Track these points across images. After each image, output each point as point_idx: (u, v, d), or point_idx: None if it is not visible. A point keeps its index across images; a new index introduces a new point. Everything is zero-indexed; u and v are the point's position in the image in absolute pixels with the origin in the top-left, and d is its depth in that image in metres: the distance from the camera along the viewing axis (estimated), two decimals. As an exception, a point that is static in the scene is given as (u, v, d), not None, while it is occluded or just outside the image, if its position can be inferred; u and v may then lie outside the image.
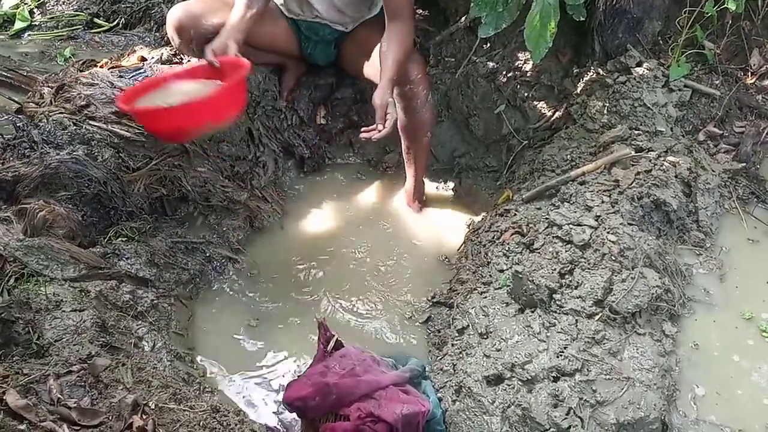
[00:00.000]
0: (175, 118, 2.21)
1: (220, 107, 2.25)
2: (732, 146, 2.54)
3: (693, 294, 2.12)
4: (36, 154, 2.26)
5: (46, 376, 1.70)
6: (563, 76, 2.82)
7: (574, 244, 2.05)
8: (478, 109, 2.93)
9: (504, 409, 1.80)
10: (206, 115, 2.22)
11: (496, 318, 2.01)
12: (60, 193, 2.27)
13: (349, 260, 2.69)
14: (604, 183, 2.25)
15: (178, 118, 2.21)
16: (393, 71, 2.32)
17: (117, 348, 1.93)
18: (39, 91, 2.50)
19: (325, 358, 1.98)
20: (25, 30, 3.59)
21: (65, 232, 2.20)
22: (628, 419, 1.69)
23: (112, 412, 1.67)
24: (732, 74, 2.64)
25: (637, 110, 2.49)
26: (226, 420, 1.85)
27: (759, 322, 2.05)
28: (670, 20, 2.65)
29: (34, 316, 1.88)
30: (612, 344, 1.82)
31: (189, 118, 2.21)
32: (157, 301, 2.26)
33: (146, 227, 2.45)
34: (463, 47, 2.92)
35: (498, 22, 2.30)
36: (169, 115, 2.19)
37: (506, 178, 2.86)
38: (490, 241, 2.41)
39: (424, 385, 2.02)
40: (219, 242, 2.61)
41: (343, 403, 1.82)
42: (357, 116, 3.07)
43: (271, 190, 2.85)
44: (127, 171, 2.41)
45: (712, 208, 2.32)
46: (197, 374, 2.13)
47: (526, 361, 1.83)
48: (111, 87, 2.47)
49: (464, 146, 3.03)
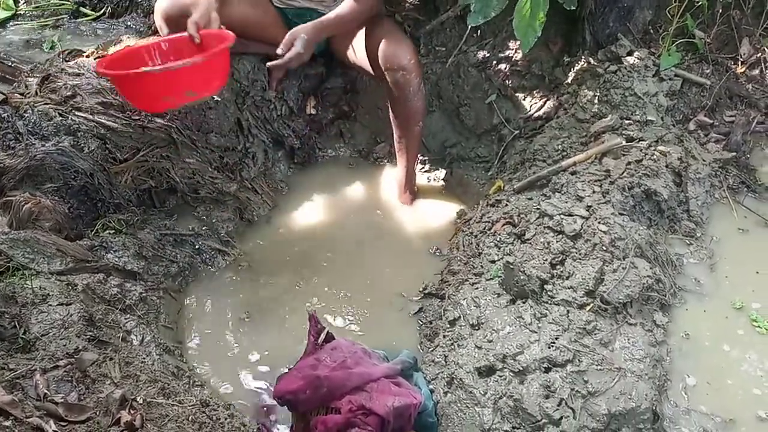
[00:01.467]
0: (155, 83, 2.09)
1: (203, 76, 2.16)
2: (722, 136, 2.54)
3: (684, 284, 2.12)
4: (21, 145, 2.24)
5: (33, 371, 1.68)
6: (554, 65, 2.81)
7: (566, 234, 2.05)
8: (469, 99, 2.91)
9: (496, 401, 1.80)
10: (187, 83, 2.13)
11: (487, 309, 2.00)
12: (46, 185, 2.24)
13: (339, 251, 2.68)
14: (595, 173, 2.24)
15: (157, 84, 2.10)
16: (330, 21, 2.40)
17: (105, 342, 1.91)
18: (24, 82, 2.47)
19: (315, 350, 1.97)
20: (9, 19, 3.53)
21: (51, 224, 2.17)
22: (620, 409, 1.69)
23: (100, 407, 1.65)
24: (722, 63, 2.63)
25: (628, 100, 2.48)
26: (216, 414, 1.84)
27: (749, 311, 2.05)
28: (661, 9, 2.64)
29: (20, 310, 1.85)
30: (603, 335, 1.82)
31: (169, 84, 2.11)
32: (145, 294, 2.24)
33: (134, 219, 2.43)
34: (453, 36, 2.90)
35: (487, 11, 2.28)
36: (148, 80, 2.08)
37: (497, 169, 2.85)
38: (481, 231, 2.40)
39: (415, 377, 2.02)
40: (208, 234, 2.59)
41: (334, 395, 1.81)
42: (347, 106, 3.05)
43: (261, 181, 2.83)
44: (114, 162, 2.38)
45: (702, 198, 2.32)
46: (186, 368, 2.12)
47: (518, 352, 1.82)
48: (97, 77, 2.44)
49: (455, 136, 3.01)
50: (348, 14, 2.44)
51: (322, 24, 2.39)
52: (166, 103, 2.23)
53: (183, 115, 2.53)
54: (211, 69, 2.19)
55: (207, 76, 2.19)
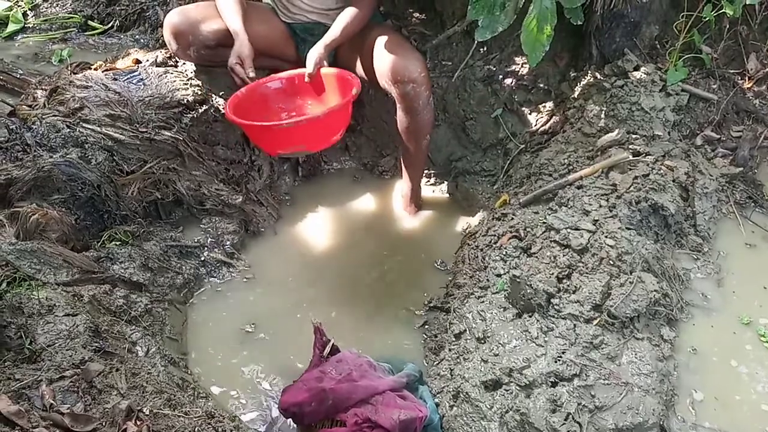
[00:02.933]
0: (279, 134, 2.26)
1: (320, 132, 2.32)
2: (729, 151, 2.53)
3: (691, 299, 2.11)
4: (29, 157, 2.25)
5: (39, 381, 1.67)
6: (560, 80, 2.82)
7: (572, 248, 2.04)
8: (475, 113, 2.92)
9: (502, 415, 1.79)
10: (301, 138, 2.27)
11: (493, 322, 2.00)
12: (53, 196, 2.25)
13: (344, 265, 2.67)
14: (602, 187, 2.24)
15: (281, 135, 2.26)
16: (337, 37, 2.48)
17: (110, 353, 1.91)
18: (32, 94, 2.49)
19: (321, 363, 1.97)
20: (18, 32, 3.57)
21: (58, 235, 2.18)
22: (627, 424, 1.68)
23: (106, 418, 1.64)
24: (729, 79, 2.63)
25: (635, 114, 2.48)
26: (221, 426, 1.83)
27: (757, 326, 2.04)
28: (668, 24, 2.64)
29: (26, 320, 1.85)
30: (610, 349, 1.81)
31: (289, 136, 2.25)
32: (150, 305, 2.24)
33: (140, 231, 2.44)
34: (460, 51, 2.91)
35: (495, 26, 2.28)
36: (274, 132, 2.27)
37: (503, 182, 2.85)
38: (487, 245, 2.40)
39: (421, 391, 2.01)
40: (214, 246, 2.59)
41: (339, 408, 1.80)
42: (353, 120, 3.05)
43: (267, 194, 2.84)
44: (121, 174, 2.39)
45: (709, 213, 2.32)
46: (192, 379, 2.11)
47: (524, 366, 1.81)
48: (105, 89, 2.46)
49: (461, 150, 3.02)
50: (352, 24, 2.51)
51: (333, 42, 2.49)
52: (286, 149, 2.35)
53: (189, 127, 2.54)
54: (329, 125, 2.33)
55: (324, 132, 2.34)
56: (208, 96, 2.64)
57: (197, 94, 2.59)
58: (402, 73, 2.43)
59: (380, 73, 2.47)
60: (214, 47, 2.53)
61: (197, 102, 2.58)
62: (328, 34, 2.49)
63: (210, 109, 2.61)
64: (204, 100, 2.61)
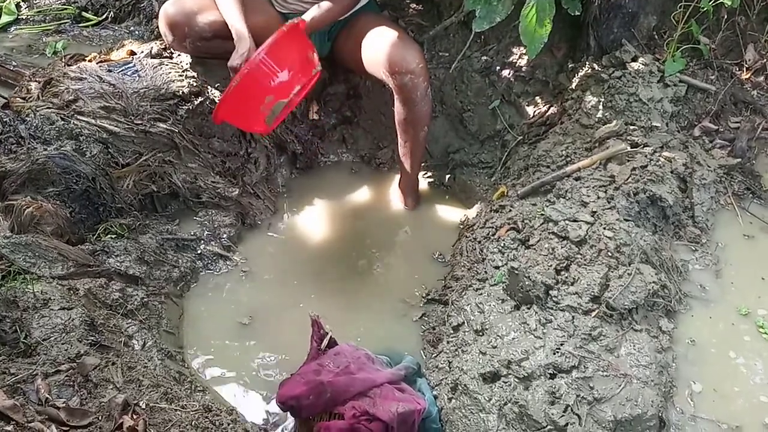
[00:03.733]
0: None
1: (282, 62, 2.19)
2: (727, 142, 2.53)
3: (689, 290, 2.11)
4: (23, 149, 2.23)
5: (34, 375, 1.67)
6: (558, 71, 2.81)
7: (570, 239, 2.04)
8: (473, 104, 2.90)
9: (500, 407, 1.79)
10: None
11: (491, 315, 1.99)
12: (48, 189, 2.24)
13: (342, 257, 2.66)
14: (600, 178, 2.23)
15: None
16: (321, 18, 2.44)
17: (106, 347, 1.90)
18: (26, 86, 2.47)
19: (318, 356, 1.96)
20: (11, 24, 3.53)
21: (53, 228, 2.16)
22: (626, 416, 1.68)
23: (102, 412, 1.64)
24: (727, 69, 2.63)
25: (633, 105, 2.47)
26: (219, 419, 1.82)
27: (755, 317, 2.04)
28: (666, 15, 2.63)
29: (21, 314, 1.84)
30: (609, 341, 1.81)
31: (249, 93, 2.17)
32: (147, 299, 2.23)
33: (136, 224, 2.42)
34: (457, 42, 2.90)
35: (492, 17, 2.28)
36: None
37: (501, 174, 2.84)
38: (485, 237, 2.39)
39: (419, 383, 2.00)
40: (210, 239, 2.58)
41: (337, 401, 1.80)
42: (350, 112, 3.04)
43: (263, 186, 2.82)
44: (116, 167, 2.38)
45: (707, 204, 2.31)
46: (188, 373, 2.11)
47: (523, 358, 1.81)
48: (99, 81, 2.43)
49: (458, 142, 3.00)
50: (336, 15, 2.51)
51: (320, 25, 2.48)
52: (267, 114, 2.24)
53: (185, 119, 2.52)
54: (280, 61, 2.18)
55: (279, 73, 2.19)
56: (203, 88, 2.61)
57: (193, 85, 2.57)
58: (400, 64, 2.40)
59: (378, 64, 2.45)
60: (210, 39, 2.50)
61: (193, 94, 2.56)
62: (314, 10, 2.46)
63: (206, 101, 2.59)
64: (199, 92, 2.59)
